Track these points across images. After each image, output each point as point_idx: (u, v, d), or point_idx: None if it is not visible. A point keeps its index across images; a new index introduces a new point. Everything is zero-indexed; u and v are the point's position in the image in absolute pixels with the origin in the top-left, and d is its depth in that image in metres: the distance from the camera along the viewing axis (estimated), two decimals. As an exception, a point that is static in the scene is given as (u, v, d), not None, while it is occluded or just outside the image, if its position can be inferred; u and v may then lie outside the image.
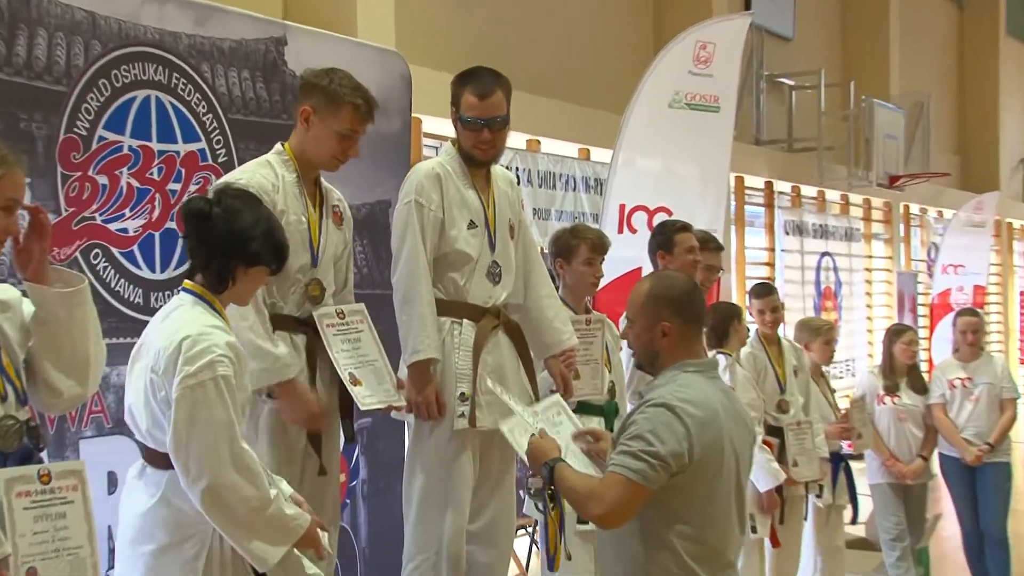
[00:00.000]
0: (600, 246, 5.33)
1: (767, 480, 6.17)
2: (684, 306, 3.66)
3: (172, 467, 3.20)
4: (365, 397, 4.04)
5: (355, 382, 4.02)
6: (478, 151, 4.51)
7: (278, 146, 4.13)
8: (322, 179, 4.20)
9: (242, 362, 3.29)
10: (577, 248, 5.28)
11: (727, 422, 3.56)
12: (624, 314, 3.80)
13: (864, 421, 7.27)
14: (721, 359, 6.05)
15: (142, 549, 3.27)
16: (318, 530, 3.38)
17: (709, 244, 6.08)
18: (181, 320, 3.30)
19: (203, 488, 3.15)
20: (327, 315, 4.05)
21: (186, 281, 3.42)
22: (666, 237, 5.78)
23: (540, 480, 3.67)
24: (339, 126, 4.02)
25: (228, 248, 3.35)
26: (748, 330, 6.55)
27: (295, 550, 3.36)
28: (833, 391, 7.34)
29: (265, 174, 3.98)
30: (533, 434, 3.73)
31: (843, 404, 7.61)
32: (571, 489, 3.54)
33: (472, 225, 4.52)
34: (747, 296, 7.21)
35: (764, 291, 6.85)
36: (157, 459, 3.27)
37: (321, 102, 4.02)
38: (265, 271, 3.44)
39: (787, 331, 10.77)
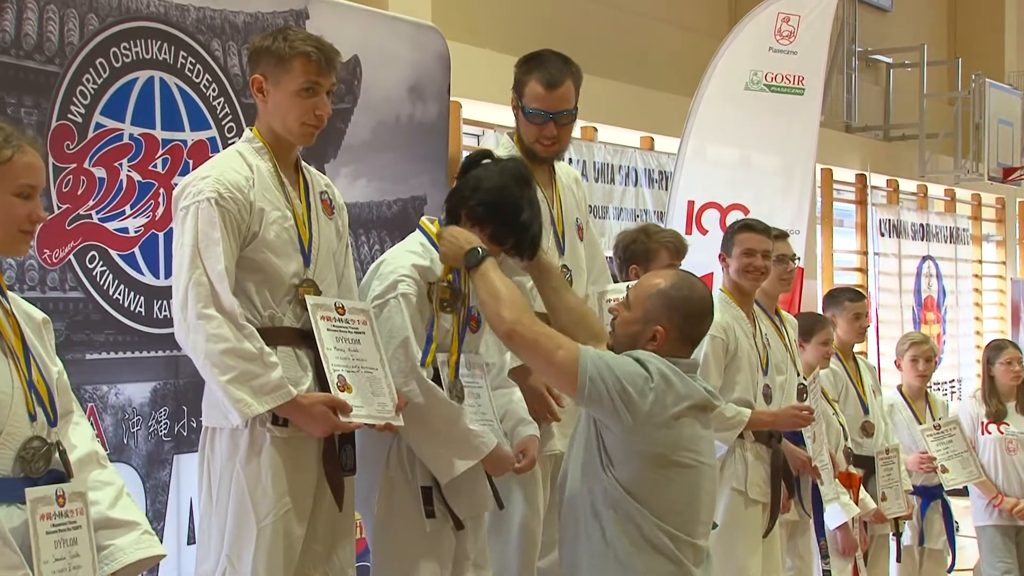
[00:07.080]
0: (680, 250, 5.36)
1: (837, 515, 6.12)
2: (689, 323, 3.83)
3: None
4: (355, 408, 3.89)
5: (344, 387, 3.88)
6: (540, 147, 4.69)
7: (247, 132, 4.04)
8: (303, 163, 4.12)
9: (425, 276, 4.14)
10: (656, 253, 5.30)
11: (700, 414, 3.78)
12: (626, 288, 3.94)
13: (951, 453, 7.20)
14: None
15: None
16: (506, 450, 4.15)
17: (768, 235, 6.00)
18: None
19: None
20: (323, 306, 3.94)
21: None
22: (727, 238, 5.77)
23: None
24: (294, 84, 3.89)
25: (456, 192, 4.26)
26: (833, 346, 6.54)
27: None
28: (939, 418, 7.31)
29: (237, 167, 3.88)
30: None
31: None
32: (495, 288, 3.83)
33: None
34: (823, 301, 7.22)
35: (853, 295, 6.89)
36: None
37: (269, 65, 3.92)
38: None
39: (881, 347, 10.85)
